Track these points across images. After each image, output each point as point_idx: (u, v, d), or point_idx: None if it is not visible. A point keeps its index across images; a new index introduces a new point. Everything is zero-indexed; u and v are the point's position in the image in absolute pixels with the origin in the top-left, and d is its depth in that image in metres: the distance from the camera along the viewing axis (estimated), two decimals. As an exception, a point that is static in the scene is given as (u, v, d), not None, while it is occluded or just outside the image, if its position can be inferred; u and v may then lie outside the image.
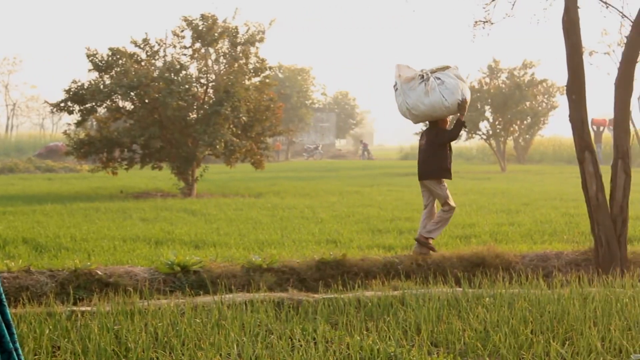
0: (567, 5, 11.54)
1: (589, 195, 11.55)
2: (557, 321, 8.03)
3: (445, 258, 11.75)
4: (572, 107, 11.63)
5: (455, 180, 33.04)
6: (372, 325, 7.95)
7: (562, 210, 18.91)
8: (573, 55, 11.56)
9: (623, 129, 11.66)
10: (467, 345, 7.34)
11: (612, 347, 7.30)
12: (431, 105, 11.93)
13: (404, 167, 50.54)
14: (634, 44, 11.70)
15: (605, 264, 11.31)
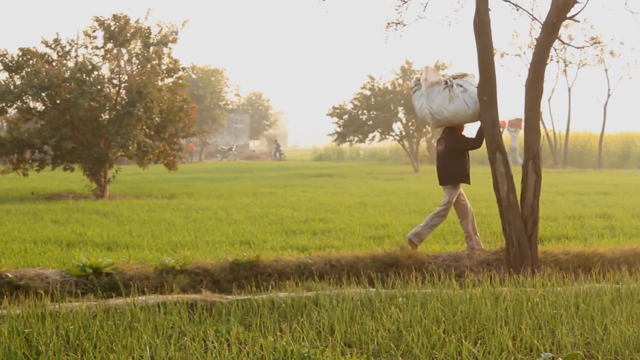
0: (478, 7, 11.65)
1: (500, 196, 11.68)
2: (469, 321, 8.11)
3: (358, 259, 11.77)
4: (484, 108, 11.76)
5: (369, 181, 33.25)
6: (285, 326, 7.94)
7: (474, 211, 19.07)
8: (484, 57, 11.69)
9: (533, 130, 11.82)
10: (380, 345, 7.37)
11: (522, 346, 7.40)
12: (454, 112, 12.33)
13: (317, 168, 50.66)
14: (543, 46, 11.87)
15: (517, 264, 11.45)
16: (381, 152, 71.63)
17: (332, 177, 38.05)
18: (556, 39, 12.28)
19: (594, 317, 8.22)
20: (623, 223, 16.55)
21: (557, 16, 11.65)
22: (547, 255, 12.08)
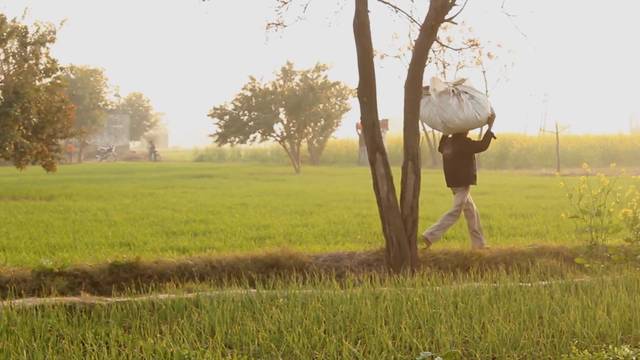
0: (357, 8, 11.73)
1: (380, 196, 11.78)
2: (350, 320, 8.15)
3: (239, 259, 11.74)
4: (364, 110, 11.84)
5: (250, 182, 33.20)
6: (166, 328, 7.87)
7: (355, 211, 19.25)
8: (364, 58, 11.77)
9: (413, 131, 11.95)
10: (261, 346, 7.36)
11: (402, 345, 7.47)
12: (466, 120, 12.79)
13: (198, 169, 50.36)
14: (422, 47, 12.02)
15: (397, 264, 11.57)
16: (262, 152, 71.65)
17: (213, 178, 37.88)
18: (435, 41, 12.46)
19: (472, 316, 8.35)
20: (501, 223, 16.86)
21: (436, 18, 11.81)
22: (427, 255, 12.23)
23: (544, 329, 7.93)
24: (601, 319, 8.13)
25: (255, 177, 38.11)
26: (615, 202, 12.19)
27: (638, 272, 10.64)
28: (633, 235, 11.71)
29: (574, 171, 40.07)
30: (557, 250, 12.79)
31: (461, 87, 13.05)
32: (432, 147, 51.80)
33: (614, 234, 12.32)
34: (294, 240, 14.32)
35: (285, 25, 13.25)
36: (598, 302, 8.86)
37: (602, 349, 7.39)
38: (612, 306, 8.65)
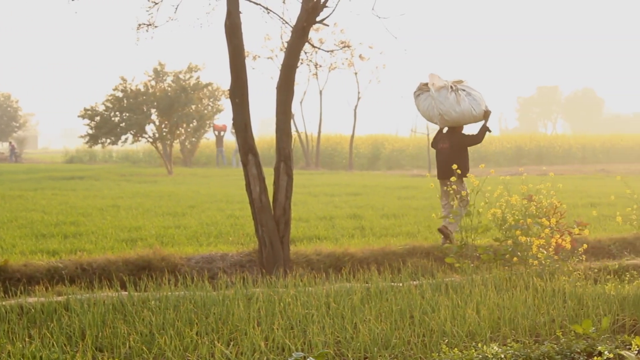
0: (229, 9, 11.69)
1: (253, 197, 11.76)
2: (222, 322, 8.12)
3: (110, 262, 11.59)
4: (236, 111, 11.81)
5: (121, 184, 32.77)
6: (35, 332, 7.72)
7: (228, 213, 19.17)
8: (236, 59, 11.74)
9: (285, 132, 11.97)
10: (133, 349, 7.28)
11: (275, 346, 7.47)
12: (462, 113, 13.55)
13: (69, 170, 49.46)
14: (294, 49, 12.05)
15: (269, 265, 11.57)
16: (134, 154, 70.76)
17: (84, 179, 37.25)
18: (306, 43, 12.51)
19: (345, 316, 8.40)
20: (372, 223, 17.01)
21: (307, 20, 11.86)
22: (300, 256, 12.27)
23: (415, 328, 8.03)
24: (471, 317, 8.28)
25: (127, 178, 37.62)
26: (484, 203, 12.42)
27: (507, 271, 10.87)
28: (502, 235, 11.95)
29: (445, 172, 40.65)
30: (428, 250, 12.99)
31: (459, 86, 13.75)
32: (305, 148, 51.91)
33: (483, 233, 12.55)
34: (166, 242, 14.18)
35: (157, 26, 13.13)
36: (468, 301, 9.01)
37: (472, 348, 7.51)
38: (482, 305, 8.81)
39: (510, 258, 11.41)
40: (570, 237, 11.62)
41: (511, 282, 10.12)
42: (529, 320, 8.42)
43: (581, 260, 11.60)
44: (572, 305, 8.97)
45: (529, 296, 9.23)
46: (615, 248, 13.85)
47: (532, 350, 7.37)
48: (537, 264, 11.05)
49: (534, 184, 12.70)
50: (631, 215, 11.04)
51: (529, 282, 10.02)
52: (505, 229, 11.88)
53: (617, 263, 12.36)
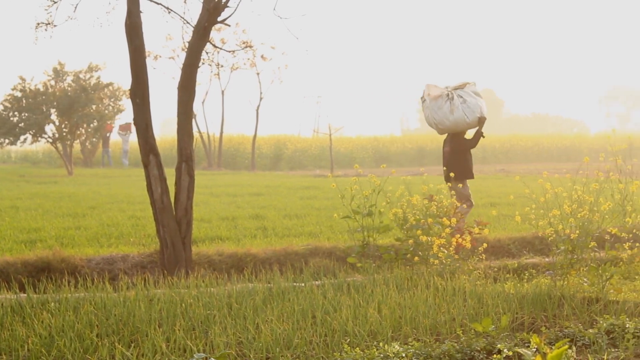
0: (129, 9, 11.58)
1: (154, 198, 11.67)
2: (123, 324, 8.04)
3: (9, 264, 11.38)
4: (137, 111, 11.70)
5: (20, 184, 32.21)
6: None
7: (129, 213, 18.97)
8: (136, 59, 11.63)
9: (186, 132, 11.90)
10: (31, 351, 7.17)
11: (176, 347, 7.42)
12: (455, 121, 14.28)
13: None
14: (195, 49, 11.99)
15: (171, 266, 11.49)
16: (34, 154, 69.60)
17: (-19, 180, 36.54)
18: (208, 43, 12.46)
19: (247, 317, 8.38)
20: (275, 224, 17.00)
21: (208, 20, 11.81)
22: (202, 257, 12.21)
23: (317, 328, 8.05)
24: (372, 317, 8.33)
25: (27, 179, 36.98)
26: (385, 202, 12.51)
27: (408, 271, 10.97)
28: (403, 234, 12.05)
29: (347, 172, 40.94)
30: (330, 250, 13.04)
31: (459, 92, 14.42)
32: (207, 149, 51.65)
33: (385, 233, 12.64)
34: (67, 244, 13.97)
35: (56, 25, 12.93)
36: (369, 300, 9.07)
37: (373, 347, 7.56)
38: (383, 304, 8.88)
39: (412, 257, 11.51)
40: (470, 237, 11.77)
41: (412, 282, 10.22)
42: (429, 319, 8.51)
43: (481, 260, 11.77)
44: (472, 304, 9.09)
45: (429, 295, 9.33)
46: (515, 247, 14.07)
47: (432, 349, 7.45)
48: (438, 263, 11.17)
49: (435, 184, 12.85)
50: (530, 215, 11.21)
51: (429, 282, 10.12)
52: (406, 229, 11.98)
53: (517, 262, 12.57)
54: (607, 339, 7.95)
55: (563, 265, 10.71)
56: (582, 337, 8.01)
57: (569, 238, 10.75)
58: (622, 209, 12.88)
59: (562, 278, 10.57)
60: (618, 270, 11.34)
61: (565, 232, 10.87)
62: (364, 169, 35.75)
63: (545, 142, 69.77)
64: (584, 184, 11.34)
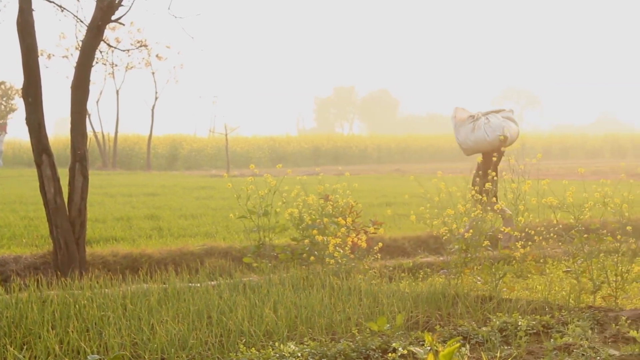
0: (21, 7, 11.37)
1: (47, 199, 11.48)
2: (15, 326, 7.90)
3: None
4: (29, 110, 11.50)
5: None
6: None
7: (22, 214, 18.63)
8: (28, 58, 11.43)
9: (80, 132, 11.74)
10: None
11: (70, 349, 7.33)
12: (476, 141, 14.22)
13: None
14: (88, 48, 11.84)
15: (64, 267, 11.32)
16: None
17: None
18: (102, 42, 12.31)
19: (142, 318, 8.31)
20: (170, 224, 16.89)
21: (102, 18, 11.67)
22: (96, 257, 12.07)
23: (212, 329, 8.02)
24: (268, 317, 8.34)
25: None
26: (282, 202, 12.52)
27: (304, 270, 11.00)
28: (299, 234, 12.07)
29: (243, 172, 40.87)
30: (226, 250, 13.01)
31: (490, 115, 14.40)
32: (102, 148, 51.04)
33: (281, 233, 12.65)
34: (-44, 245, 13.67)
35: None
36: (265, 300, 9.07)
37: (269, 347, 7.57)
38: (279, 304, 8.88)
39: (308, 257, 11.55)
40: (366, 236, 11.86)
41: (308, 281, 10.24)
42: (325, 319, 8.55)
43: (377, 259, 11.86)
44: (368, 303, 9.16)
45: (325, 295, 9.37)
46: (410, 246, 14.24)
47: (328, 348, 7.48)
48: (333, 263, 11.22)
49: (331, 184, 12.91)
50: (424, 214, 11.36)
51: (325, 281, 10.17)
52: (302, 229, 12.01)
53: (412, 261, 12.71)
54: (500, 336, 8.09)
55: (457, 264, 10.86)
56: (475, 335, 8.13)
57: (463, 237, 10.91)
58: (515, 208, 13.14)
59: (456, 277, 10.72)
60: (511, 268, 11.58)
61: (459, 231, 11.03)
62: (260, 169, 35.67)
63: (440, 142, 70.75)
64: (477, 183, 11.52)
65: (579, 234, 10.34)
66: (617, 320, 8.64)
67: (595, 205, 11.13)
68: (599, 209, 11.05)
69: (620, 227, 10.63)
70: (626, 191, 11.49)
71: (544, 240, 12.64)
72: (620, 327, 8.35)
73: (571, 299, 9.98)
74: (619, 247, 10.53)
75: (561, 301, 9.90)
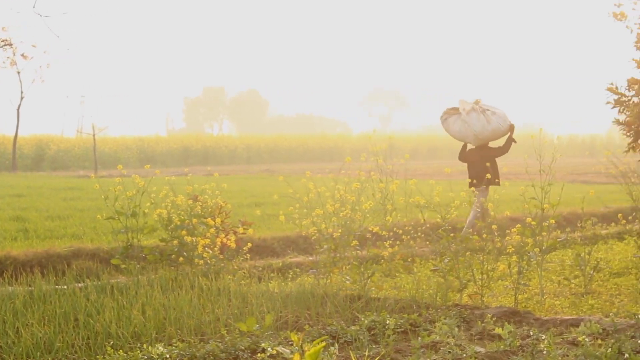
0: None
1: None
2: None
3: None
4: None
5: None
6: None
7: None
8: None
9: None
10: None
11: None
12: (493, 130, 15.55)
13: None
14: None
15: None
16: None
17: None
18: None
19: (6, 321, 8.14)
20: (37, 225, 16.57)
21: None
22: None
23: (79, 331, 7.92)
24: (136, 318, 8.26)
25: None
26: (150, 203, 12.40)
27: (173, 272, 10.92)
28: (168, 235, 11.98)
29: (111, 173, 40.37)
30: (94, 251, 12.83)
31: (484, 106, 15.75)
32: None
33: (150, 234, 12.53)
34: None
35: None
36: (134, 302, 8.98)
37: (137, 349, 7.50)
38: (147, 306, 8.80)
39: (177, 258, 11.47)
40: (235, 237, 11.85)
41: (177, 282, 10.18)
42: (194, 320, 8.51)
43: (246, 259, 11.86)
44: (237, 304, 9.15)
45: (194, 296, 9.33)
46: (279, 246, 14.28)
47: (197, 349, 7.45)
48: (202, 264, 11.18)
49: (200, 184, 12.84)
50: (294, 214, 11.40)
51: (194, 282, 10.12)
52: (171, 230, 11.91)
53: (281, 261, 12.76)
54: (369, 335, 8.17)
55: (326, 264, 10.93)
56: (344, 334, 8.20)
57: (332, 237, 10.99)
58: (383, 208, 13.29)
59: (325, 276, 10.79)
60: (379, 267, 11.73)
61: (328, 231, 11.11)
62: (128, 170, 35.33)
63: (309, 142, 71.12)
64: (346, 183, 11.62)
65: (446, 233, 10.52)
66: (483, 317, 8.83)
67: (461, 204, 11.36)
68: (465, 208, 11.29)
69: (485, 226, 10.87)
70: (491, 190, 11.77)
71: (411, 239, 12.85)
72: (486, 325, 8.52)
73: (438, 297, 10.15)
74: (485, 245, 10.77)
75: (429, 300, 10.05)
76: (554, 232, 13.41)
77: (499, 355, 7.43)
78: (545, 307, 10.16)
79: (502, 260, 11.21)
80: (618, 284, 11.42)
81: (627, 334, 7.63)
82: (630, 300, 10.38)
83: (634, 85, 13.61)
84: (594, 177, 28.71)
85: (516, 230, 10.89)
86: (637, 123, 13.52)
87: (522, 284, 10.38)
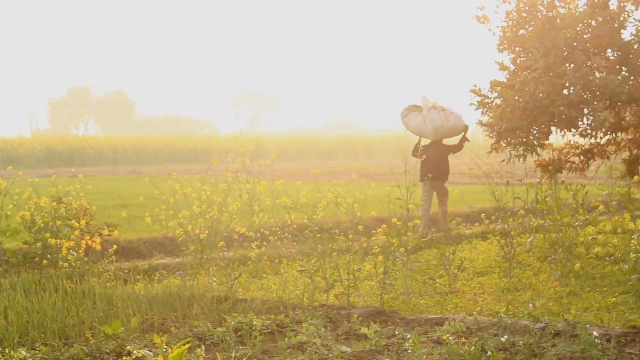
0: None
1: None
2: None
3: None
4: None
5: None
6: None
7: None
8: None
9: None
10: None
11: None
12: (450, 127, 16.76)
13: None
14: None
15: None
16: None
17: None
18: None
19: None
20: None
21: None
22: None
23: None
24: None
25: None
26: (12, 205, 12.14)
27: (36, 274, 10.72)
28: (31, 237, 11.75)
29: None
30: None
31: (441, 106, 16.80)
32: None
33: (12, 236, 12.27)
34: None
35: None
36: (-5, 306, 8.77)
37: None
38: (10, 309, 8.62)
39: (40, 261, 11.27)
40: (100, 239, 11.71)
41: (41, 285, 10.00)
42: (58, 323, 8.37)
43: (112, 261, 11.73)
44: (102, 306, 9.03)
45: (58, 299, 9.16)
46: (145, 248, 14.14)
47: (61, 353, 7.34)
48: (67, 266, 11.01)
49: (64, 186, 12.63)
50: (160, 216, 11.32)
51: (58, 285, 9.93)
52: (34, 232, 11.69)
53: (147, 263, 12.65)
54: (236, 336, 8.16)
55: (193, 265, 10.88)
56: (210, 336, 8.18)
57: (199, 238, 10.95)
58: (250, 209, 13.32)
59: (192, 278, 10.74)
60: (246, 268, 11.74)
61: (195, 233, 11.06)
62: (-10, 171, 34.46)
63: (176, 143, 70.51)
64: (213, 184, 11.60)
65: (313, 233, 10.58)
66: (350, 317, 8.92)
67: (328, 205, 11.45)
68: (331, 208, 11.38)
69: (352, 226, 10.98)
70: (358, 191, 11.90)
71: (278, 240, 12.91)
72: (352, 325, 8.62)
73: (305, 297, 10.21)
74: (351, 246, 10.87)
75: (295, 300, 10.11)
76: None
77: (365, 355, 7.52)
78: (411, 306, 10.33)
79: (368, 260, 11.34)
80: (482, 283, 11.68)
81: (490, 332, 7.82)
82: (493, 299, 10.64)
83: (496, 87, 13.96)
84: (458, 178, 29.19)
85: (382, 231, 11.03)
86: (499, 124, 13.86)
87: (388, 283, 10.51)
